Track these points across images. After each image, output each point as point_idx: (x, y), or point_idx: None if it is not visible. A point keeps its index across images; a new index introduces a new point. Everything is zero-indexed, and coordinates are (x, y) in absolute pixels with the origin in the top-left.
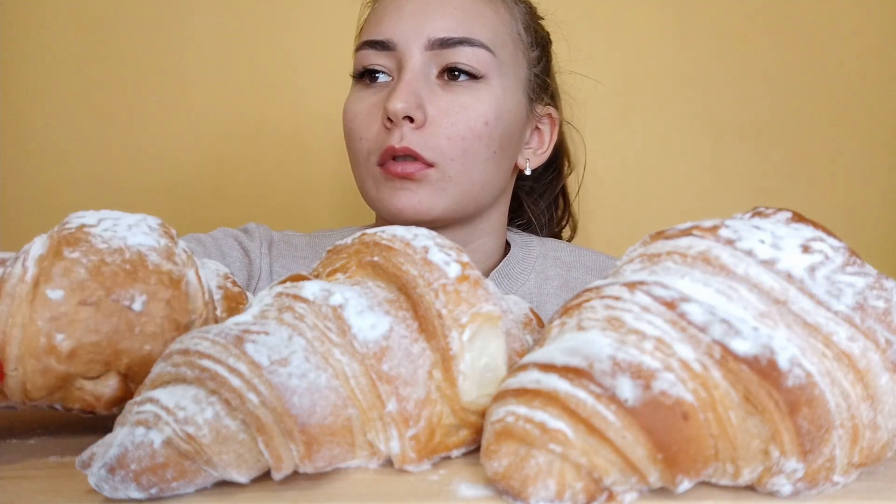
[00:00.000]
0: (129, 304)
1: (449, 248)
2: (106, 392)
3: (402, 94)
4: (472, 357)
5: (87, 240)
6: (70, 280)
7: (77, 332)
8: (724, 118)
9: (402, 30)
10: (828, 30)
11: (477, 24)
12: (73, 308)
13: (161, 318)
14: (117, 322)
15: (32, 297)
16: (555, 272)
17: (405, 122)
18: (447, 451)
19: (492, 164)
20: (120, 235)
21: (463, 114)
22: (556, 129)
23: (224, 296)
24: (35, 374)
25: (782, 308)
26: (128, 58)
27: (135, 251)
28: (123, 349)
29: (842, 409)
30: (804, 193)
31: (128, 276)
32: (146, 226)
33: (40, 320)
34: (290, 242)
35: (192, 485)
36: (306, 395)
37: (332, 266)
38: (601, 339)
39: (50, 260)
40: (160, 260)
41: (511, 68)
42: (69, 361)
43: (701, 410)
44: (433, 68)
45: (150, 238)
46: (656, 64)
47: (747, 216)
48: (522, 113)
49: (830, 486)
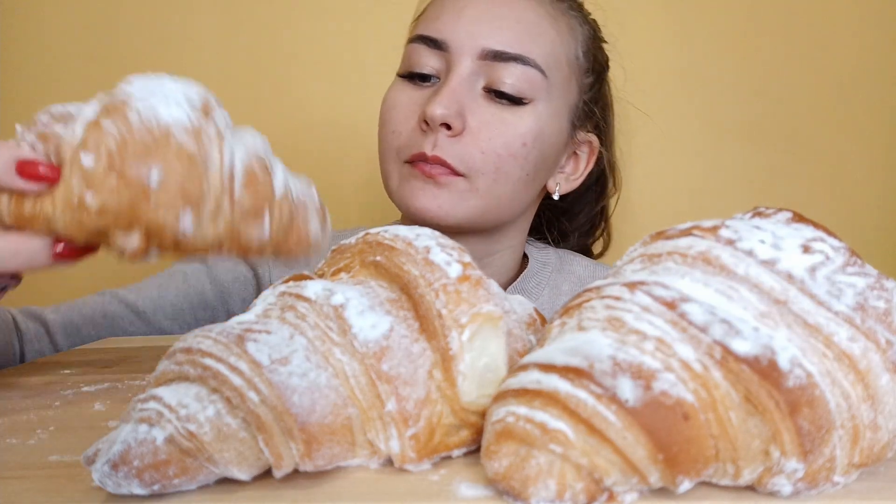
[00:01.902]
0: (147, 176)
1: (451, 248)
2: (129, 245)
3: (445, 99)
4: (472, 357)
5: (125, 112)
6: (101, 149)
7: (102, 195)
8: (724, 118)
9: (458, 33)
10: (828, 30)
11: (536, 42)
12: (99, 173)
13: (174, 191)
14: (136, 191)
15: (73, 159)
16: (568, 287)
17: (442, 129)
18: (447, 451)
19: (522, 185)
20: (155, 110)
21: (503, 130)
22: (594, 158)
23: (246, 172)
24: (71, 224)
25: (783, 308)
26: (128, 58)
27: (163, 127)
28: (141, 214)
29: (842, 410)
30: (804, 193)
31: (149, 151)
32: (185, 98)
33: (74, 179)
34: None
35: (193, 482)
36: (306, 394)
37: (336, 265)
38: (601, 339)
39: (91, 127)
40: (185, 138)
41: (561, 92)
42: (97, 217)
43: (701, 411)
44: (481, 79)
45: (183, 113)
46: (656, 64)
47: (747, 216)
48: (563, 138)
49: (831, 487)
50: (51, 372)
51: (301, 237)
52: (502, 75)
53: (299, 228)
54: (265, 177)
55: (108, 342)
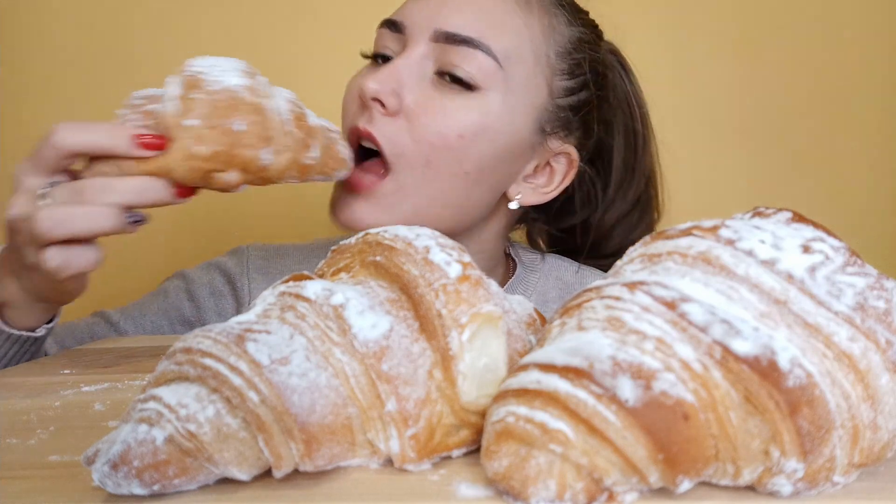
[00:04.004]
0: (234, 126)
1: (451, 248)
2: (231, 179)
3: (381, 75)
4: (472, 357)
5: (203, 86)
6: (198, 112)
7: (208, 145)
8: (724, 118)
9: (415, 15)
10: (828, 30)
11: (494, 30)
12: (203, 130)
13: (254, 134)
14: (230, 138)
15: (179, 125)
16: (555, 293)
17: (375, 105)
18: (447, 451)
19: (461, 184)
20: (222, 80)
21: (440, 118)
22: (573, 172)
23: (293, 116)
24: (188, 171)
25: (783, 308)
26: (128, 58)
27: (233, 90)
28: (236, 154)
29: (842, 410)
30: (804, 193)
31: (231, 108)
32: (237, 70)
33: (186, 138)
34: (287, 254)
35: (193, 482)
36: (306, 394)
37: (336, 265)
38: (601, 339)
39: (184, 99)
40: (249, 96)
41: (523, 89)
42: (206, 162)
43: (701, 411)
44: (433, 62)
45: (241, 79)
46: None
47: (747, 216)
48: (525, 141)
49: (830, 487)
50: (51, 372)
51: (337, 157)
52: (453, 59)
53: (335, 151)
54: (303, 116)
55: (108, 342)
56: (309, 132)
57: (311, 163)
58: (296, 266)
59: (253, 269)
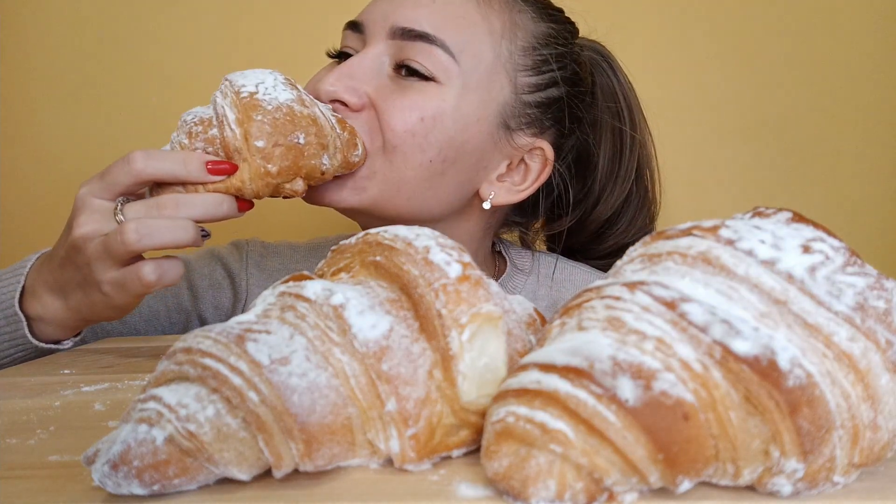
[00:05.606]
0: (297, 140)
1: (451, 248)
2: (298, 187)
3: (334, 76)
4: (472, 357)
5: (260, 105)
6: (263, 133)
7: (276, 161)
8: (725, 118)
9: (373, 14)
10: (828, 30)
11: (451, 24)
12: (270, 149)
13: (314, 144)
14: (293, 152)
15: (247, 145)
16: (544, 291)
17: (338, 105)
18: (447, 450)
19: (424, 176)
20: (274, 96)
21: (402, 103)
22: (547, 170)
23: (337, 120)
24: (259, 187)
25: (783, 308)
26: (128, 58)
27: (287, 106)
28: (301, 165)
29: (842, 410)
30: (804, 193)
31: (290, 123)
32: (282, 85)
33: (257, 158)
34: (282, 253)
35: (193, 482)
36: (306, 394)
37: (336, 265)
38: (601, 339)
39: (246, 123)
40: (301, 108)
41: (481, 84)
42: (276, 177)
43: (701, 411)
44: (390, 58)
45: (290, 93)
46: (656, 64)
47: (747, 216)
48: (486, 136)
49: (830, 487)
50: (51, 372)
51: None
52: (409, 53)
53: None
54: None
55: (108, 342)
56: (352, 131)
57: (357, 160)
58: (294, 265)
59: (252, 264)
